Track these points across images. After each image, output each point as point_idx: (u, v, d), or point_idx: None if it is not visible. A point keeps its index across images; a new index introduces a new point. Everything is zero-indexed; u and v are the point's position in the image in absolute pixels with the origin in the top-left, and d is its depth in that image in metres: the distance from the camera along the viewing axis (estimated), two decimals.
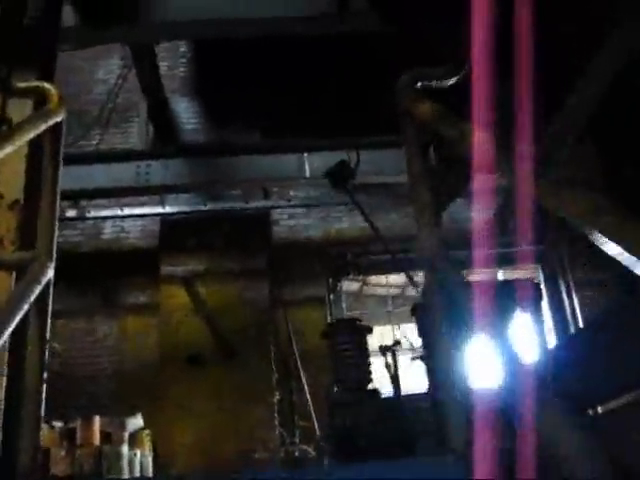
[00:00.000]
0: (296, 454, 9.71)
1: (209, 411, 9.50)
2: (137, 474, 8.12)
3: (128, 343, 10.18)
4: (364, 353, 5.50)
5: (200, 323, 9.95)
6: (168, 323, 9.99)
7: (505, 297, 4.81)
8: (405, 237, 10.54)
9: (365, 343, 5.59)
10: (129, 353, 10.12)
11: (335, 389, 5.63)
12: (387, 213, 10.62)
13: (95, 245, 10.54)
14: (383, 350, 5.92)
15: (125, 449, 7.86)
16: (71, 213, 9.66)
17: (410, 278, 8.96)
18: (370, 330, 5.84)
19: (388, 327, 12.93)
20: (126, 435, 8.19)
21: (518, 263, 8.52)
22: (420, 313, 5.60)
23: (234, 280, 10.24)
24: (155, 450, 9.04)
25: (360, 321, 5.86)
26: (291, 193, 10.72)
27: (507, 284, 6.33)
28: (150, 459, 8.63)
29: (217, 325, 9.94)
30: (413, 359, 5.99)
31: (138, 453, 8.22)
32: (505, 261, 8.85)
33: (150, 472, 8.57)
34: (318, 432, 9.42)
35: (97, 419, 7.99)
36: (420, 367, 9.60)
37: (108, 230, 10.63)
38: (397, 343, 6.12)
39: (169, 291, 10.12)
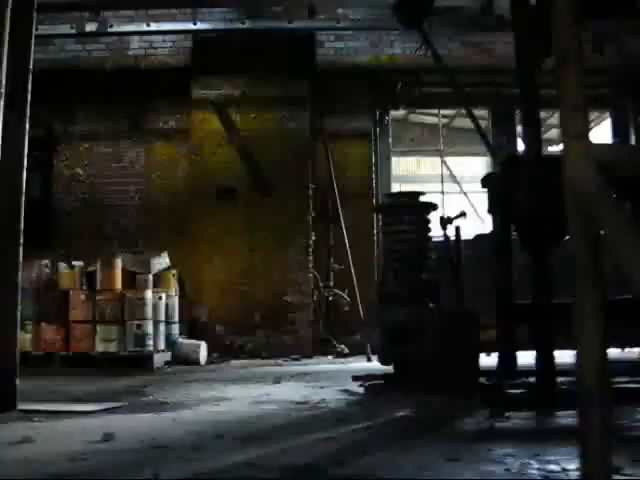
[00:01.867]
0: (330, 299, 9.25)
1: (240, 249, 8.97)
2: (162, 318, 7.71)
3: (156, 171, 9.47)
4: (425, 241, 4.62)
5: (234, 154, 9.18)
6: (199, 152, 9.22)
7: None
8: (465, 68, 9.39)
9: (427, 226, 4.68)
10: (157, 182, 9.44)
11: (386, 285, 4.79)
12: (448, 40, 9.37)
13: (120, 62, 9.55)
14: (445, 222, 5.00)
15: (149, 294, 7.38)
16: (91, 27, 8.61)
17: (471, 115, 7.95)
18: (435, 207, 4.90)
19: (436, 159, 11.98)
20: (150, 278, 7.71)
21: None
22: (494, 185, 4.70)
23: (272, 107, 9.32)
24: (182, 289, 8.63)
25: (423, 194, 4.89)
26: (340, 12, 9.48)
27: None
28: (176, 300, 8.23)
29: (252, 156, 9.17)
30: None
31: (163, 296, 7.78)
32: None
33: (176, 315, 8.19)
34: (354, 277, 8.87)
35: (119, 262, 7.47)
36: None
37: (135, 45, 9.59)
38: (462, 215, 5.21)
39: (201, 116, 9.27)
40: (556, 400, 3.61)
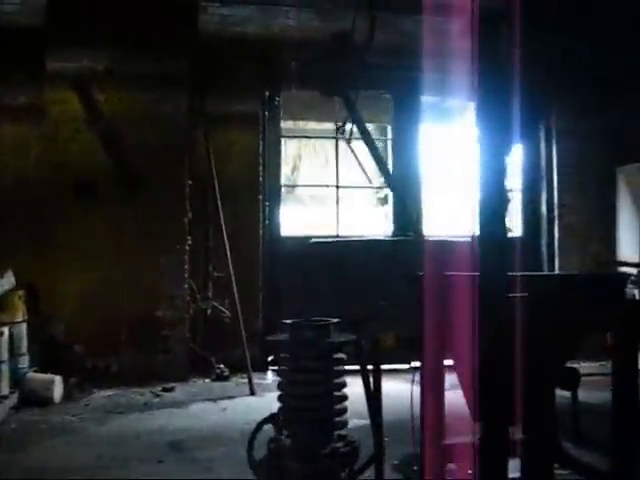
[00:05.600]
0: (208, 312, 8.20)
1: (103, 256, 7.71)
2: (4, 357, 6.48)
3: (3, 157, 7.95)
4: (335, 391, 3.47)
5: (96, 141, 7.77)
6: (54, 137, 7.77)
7: None
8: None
9: (340, 372, 3.51)
10: (4, 171, 7.94)
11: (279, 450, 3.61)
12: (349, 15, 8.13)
13: None
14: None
15: None
16: None
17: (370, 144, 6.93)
18: (358, 344, 3.62)
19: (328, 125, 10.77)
20: None
21: None
22: None
23: (144, 86, 7.92)
24: (36, 304, 7.39)
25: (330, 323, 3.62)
26: None
27: None
28: (24, 327, 6.99)
29: (118, 145, 7.79)
30: None
31: (6, 330, 6.53)
32: None
33: (24, 344, 6.97)
34: (235, 286, 7.79)
35: None
36: None
37: None
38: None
39: (56, 94, 7.76)
40: None
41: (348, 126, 7.54)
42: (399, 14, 8.08)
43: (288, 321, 3.39)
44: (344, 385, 3.43)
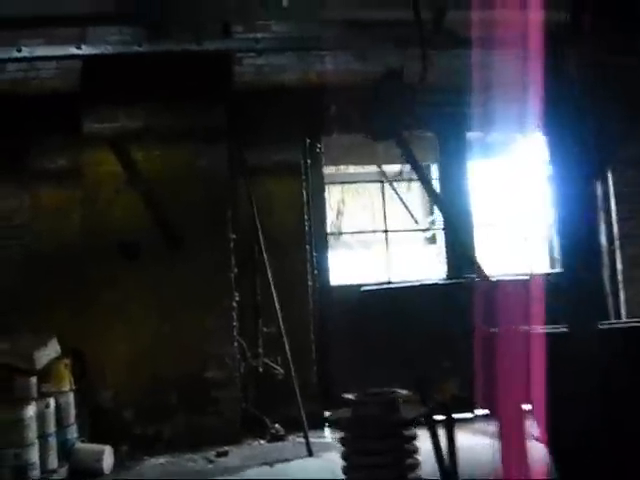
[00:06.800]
0: (260, 369, 7.89)
1: (148, 317, 7.48)
2: (51, 430, 6.23)
3: (43, 221, 7.85)
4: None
5: (136, 200, 7.60)
6: (93, 200, 7.62)
7: None
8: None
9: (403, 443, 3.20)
10: (45, 236, 7.82)
11: None
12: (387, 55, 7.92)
13: None
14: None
15: (30, 411, 5.86)
16: None
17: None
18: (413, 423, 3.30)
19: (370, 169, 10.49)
20: (34, 381, 6.21)
21: None
22: None
23: (182, 141, 7.76)
24: (83, 371, 7.19)
25: (394, 394, 3.30)
26: (260, 23, 7.92)
27: None
28: (71, 397, 6.75)
29: (159, 203, 7.61)
30: None
31: (51, 402, 6.28)
32: None
33: (72, 414, 6.73)
34: (286, 341, 7.48)
35: None
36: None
37: (12, 67, 7.84)
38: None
39: (94, 155, 7.65)
40: None
41: (396, 168, 7.27)
42: (441, 51, 7.82)
43: (349, 395, 3.08)
44: (417, 466, 3.08)
